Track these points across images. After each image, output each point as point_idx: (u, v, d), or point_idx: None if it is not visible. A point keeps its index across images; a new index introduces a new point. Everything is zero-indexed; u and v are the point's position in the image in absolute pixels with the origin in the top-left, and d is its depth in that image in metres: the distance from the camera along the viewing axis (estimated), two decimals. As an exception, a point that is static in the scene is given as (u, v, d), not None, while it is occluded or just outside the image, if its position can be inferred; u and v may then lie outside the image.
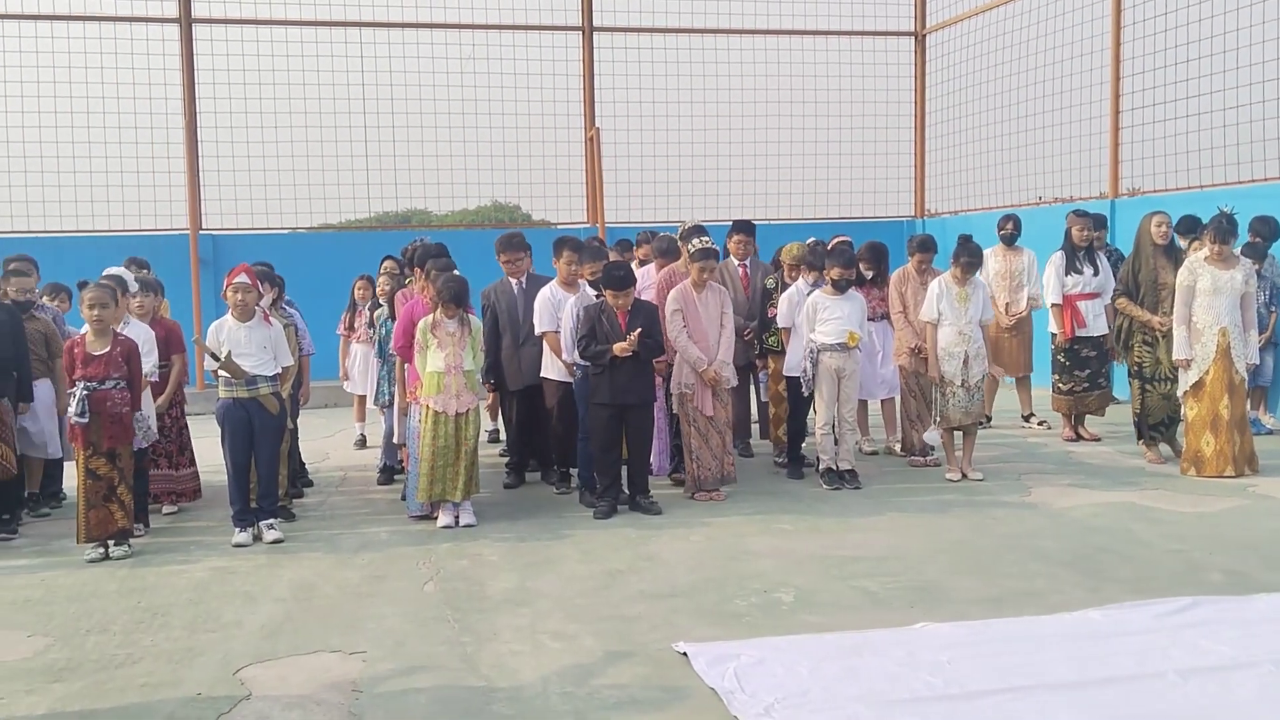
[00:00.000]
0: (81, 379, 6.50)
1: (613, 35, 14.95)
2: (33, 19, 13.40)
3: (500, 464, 8.91)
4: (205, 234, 13.75)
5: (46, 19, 13.44)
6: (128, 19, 13.62)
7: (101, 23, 13.58)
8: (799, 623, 5.12)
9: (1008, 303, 10.09)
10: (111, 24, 13.59)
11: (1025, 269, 10.14)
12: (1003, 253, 10.25)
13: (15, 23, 13.37)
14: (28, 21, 13.41)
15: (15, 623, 5.36)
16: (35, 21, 13.42)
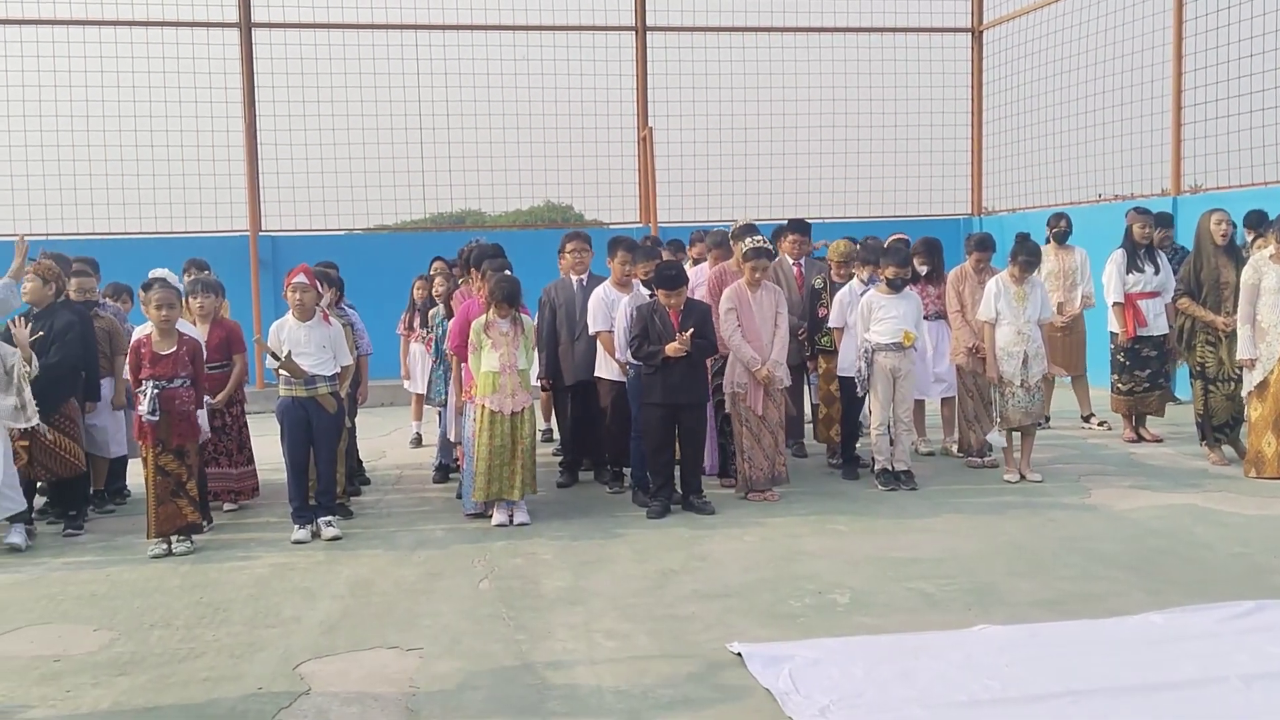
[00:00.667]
0: (150, 378, 6.63)
1: (666, 35, 14.95)
2: (97, 24, 13.68)
3: (553, 463, 8.94)
4: (265, 235, 13.97)
5: (110, 24, 13.71)
6: (189, 24, 13.87)
7: (164, 28, 13.84)
8: (854, 624, 5.10)
9: (1061, 302, 9.93)
10: (174, 29, 13.85)
11: (1078, 267, 9.99)
12: (1055, 251, 10.10)
13: (80, 28, 13.65)
14: (92, 27, 13.68)
15: (82, 617, 5.48)
16: (100, 28, 13.70)
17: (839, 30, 15.39)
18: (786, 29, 15.24)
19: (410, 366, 10.06)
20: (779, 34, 15.24)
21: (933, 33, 15.77)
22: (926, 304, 8.69)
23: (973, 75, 15.90)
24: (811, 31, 15.32)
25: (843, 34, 15.41)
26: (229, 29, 13.95)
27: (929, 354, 8.90)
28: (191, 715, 4.23)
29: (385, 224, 15.65)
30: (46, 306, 7.21)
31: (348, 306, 8.47)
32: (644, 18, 14.76)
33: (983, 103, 15.85)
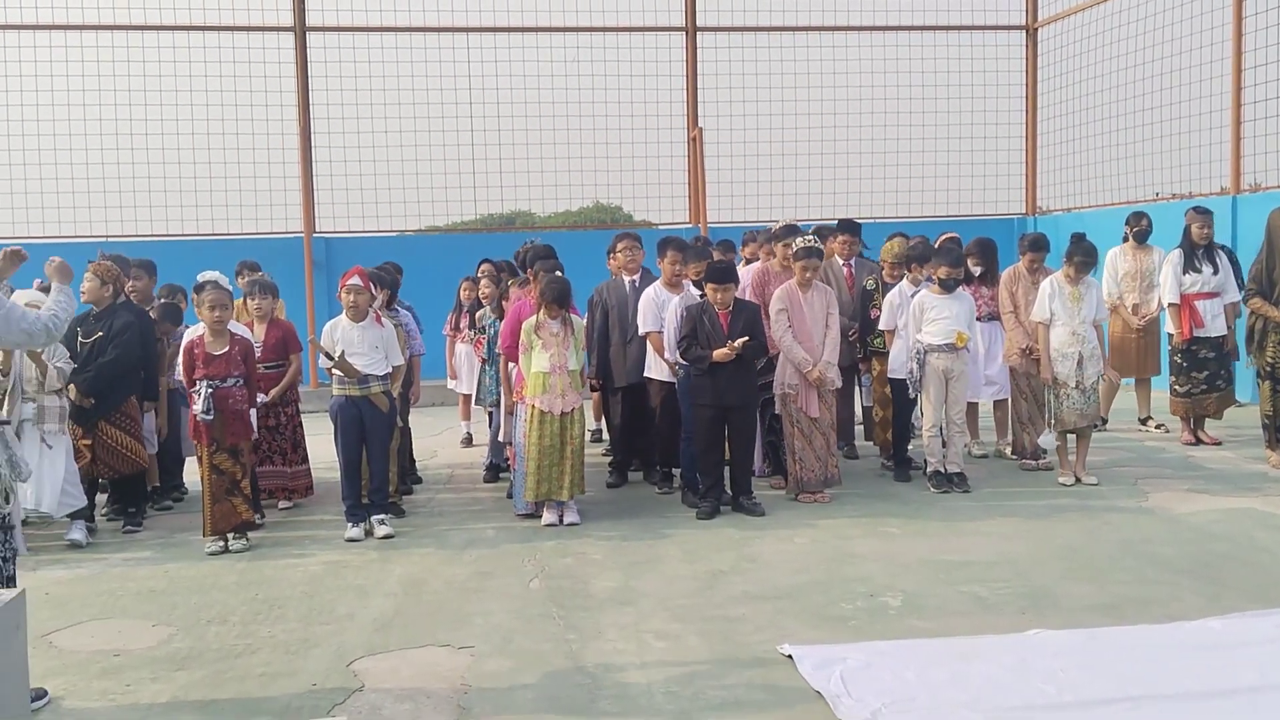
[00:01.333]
0: (204, 378, 6.73)
1: (716, 35, 14.94)
2: (155, 30, 13.92)
3: (603, 463, 8.97)
4: (319, 236, 14.14)
5: (169, 29, 13.95)
6: (245, 29, 14.07)
7: (220, 33, 14.06)
8: (906, 627, 5.06)
9: (1137, 304, 9.76)
10: (230, 34, 14.06)
11: (1156, 268, 9.77)
12: (1133, 251, 9.88)
13: (139, 34, 13.90)
14: (150, 33, 13.93)
15: (141, 613, 5.57)
16: (159, 33, 13.94)
17: (892, 29, 15.30)
18: (838, 28, 15.17)
19: (456, 367, 10.13)
20: (830, 33, 15.17)
21: (986, 30, 15.61)
22: (979, 305, 8.60)
23: (1027, 73, 15.71)
24: (864, 30, 15.23)
25: (895, 32, 15.32)
26: (284, 33, 14.14)
27: (982, 355, 8.81)
28: (247, 710, 4.29)
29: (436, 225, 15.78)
30: (106, 307, 7.33)
31: (401, 307, 8.54)
32: (694, 18, 14.75)
33: (1037, 101, 15.67)
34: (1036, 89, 15.66)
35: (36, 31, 13.72)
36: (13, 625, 3.20)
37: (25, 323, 4.26)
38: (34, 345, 4.59)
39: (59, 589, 6.01)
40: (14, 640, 3.22)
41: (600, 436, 10.06)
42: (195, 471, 7.04)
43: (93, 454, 7.16)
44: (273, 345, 7.74)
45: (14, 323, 4.21)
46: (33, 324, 4.31)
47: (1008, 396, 8.91)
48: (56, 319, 4.49)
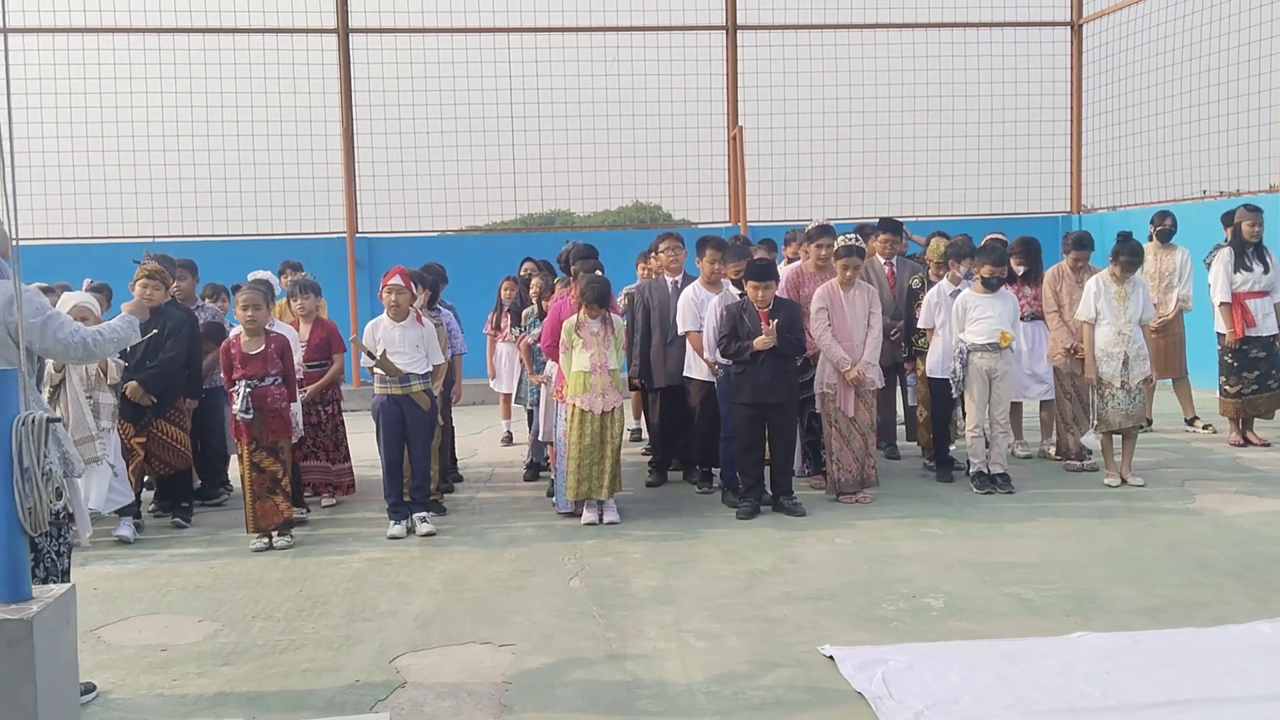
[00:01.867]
0: (242, 378, 6.80)
1: (756, 33, 14.91)
2: (201, 32, 14.10)
3: (643, 463, 8.97)
4: (361, 237, 14.25)
5: (214, 32, 14.13)
6: (289, 30, 14.22)
7: (264, 35, 14.21)
8: (949, 629, 5.02)
9: (1155, 304, 9.64)
10: (274, 36, 14.21)
11: (1178, 269, 9.66)
12: (1156, 250, 9.77)
13: (185, 36, 14.09)
14: (196, 35, 14.11)
15: (188, 608, 5.65)
16: (204, 35, 14.12)
17: (935, 26, 15.20)
18: (880, 25, 15.09)
19: (496, 366, 10.17)
20: (872, 31, 15.10)
21: (1030, 27, 15.47)
22: (1023, 304, 8.52)
23: (1072, 70, 15.54)
24: (906, 28, 15.15)
25: (938, 29, 15.21)
26: (327, 35, 14.27)
27: (1026, 355, 8.72)
28: (292, 706, 4.33)
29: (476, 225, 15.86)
30: (157, 307, 7.41)
31: (443, 307, 8.59)
32: (735, 17, 14.73)
33: (1082, 97, 15.49)
34: (1081, 85, 15.49)
35: (85, 35, 13.94)
36: (63, 620, 3.26)
37: (63, 333, 4.06)
38: (68, 359, 4.37)
39: (108, 584, 6.10)
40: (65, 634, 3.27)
41: (640, 436, 10.07)
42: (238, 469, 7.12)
43: (146, 451, 7.26)
44: (316, 345, 7.82)
45: (50, 332, 4.02)
46: (70, 335, 4.09)
47: (1052, 397, 8.81)
48: (100, 339, 4.27)
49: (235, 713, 4.26)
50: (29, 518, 3.15)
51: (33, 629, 3.03)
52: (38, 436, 3.15)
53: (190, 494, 7.74)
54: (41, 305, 4.12)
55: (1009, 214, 14.93)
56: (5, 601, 3.15)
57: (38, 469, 3.15)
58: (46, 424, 3.18)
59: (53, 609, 3.17)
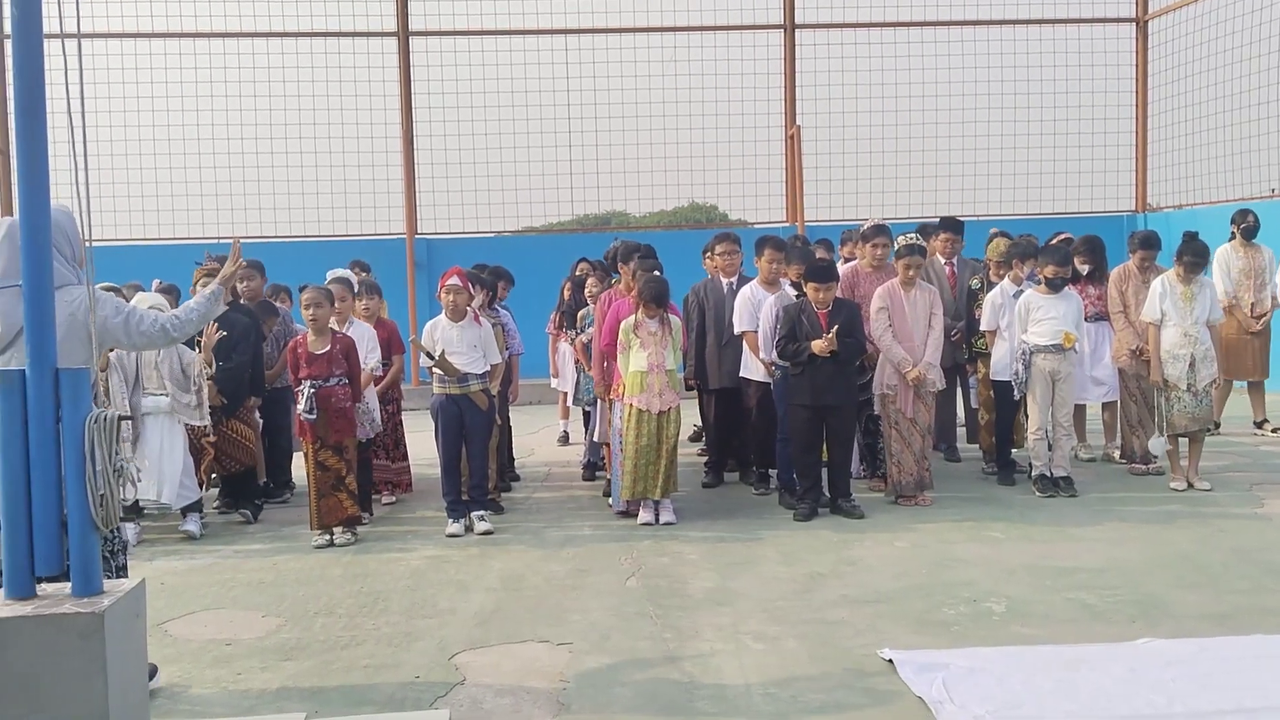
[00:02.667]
0: (307, 378, 6.90)
1: (815, 32, 14.83)
2: (265, 36, 14.32)
3: (699, 463, 8.96)
4: (420, 238, 14.39)
5: (278, 36, 14.34)
6: (350, 34, 14.40)
7: (327, 38, 14.41)
8: (1011, 634, 4.96)
9: (1253, 302, 9.42)
10: (336, 39, 14.40)
11: (1267, 265, 9.46)
12: (1243, 248, 9.56)
13: (249, 40, 14.32)
14: (260, 40, 14.34)
15: (251, 603, 5.74)
16: (268, 39, 14.34)
17: (996, 23, 15.01)
18: (940, 23, 14.95)
19: (559, 365, 10.22)
20: (932, 28, 14.96)
21: (1094, 24, 15.23)
22: (1087, 305, 8.39)
23: (1137, 67, 15.27)
24: (967, 25, 14.98)
25: (999, 27, 15.02)
26: (388, 38, 14.43)
27: (1089, 356, 8.59)
28: (353, 701, 4.38)
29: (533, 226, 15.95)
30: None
31: (500, 307, 8.64)
32: (793, 15, 14.67)
33: (1147, 95, 15.22)
34: (1146, 82, 15.22)
35: (153, 40, 14.22)
36: (133, 613, 3.33)
37: (144, 325, 4.28)
38: (151, 348, 4.62)
39: (174, 579, 6.21)
40: (135, 627, 3.34)
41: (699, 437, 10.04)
42: (303, 467, 7.22)
43: (217, 449, 7.39)
44: (381, 344, 7.91)
45: (133, 326, 4.24)
46: (151, 325, 4.31)
47: (1116, 399, 8.67)
48: (178, 322, 4.40)
49: (298, 707, 4.32)
50: (101, 514, 3.22)
51: (104, 622, 3.10)
52: (109, 434, 3.22)
53: (257, 491, 7.88)
54: (120, 304, 4.31)
55: (1072, 213, 14.71)
56: (78, 595, 3.22)
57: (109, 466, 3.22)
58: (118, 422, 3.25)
59: (123, 603, 3.24)
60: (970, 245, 9.39)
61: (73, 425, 3.22)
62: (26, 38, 3.32)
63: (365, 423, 7.38)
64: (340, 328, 7.39)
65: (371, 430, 7.51)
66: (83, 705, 3.08)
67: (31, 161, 3.33)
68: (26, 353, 3.28)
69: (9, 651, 3.06)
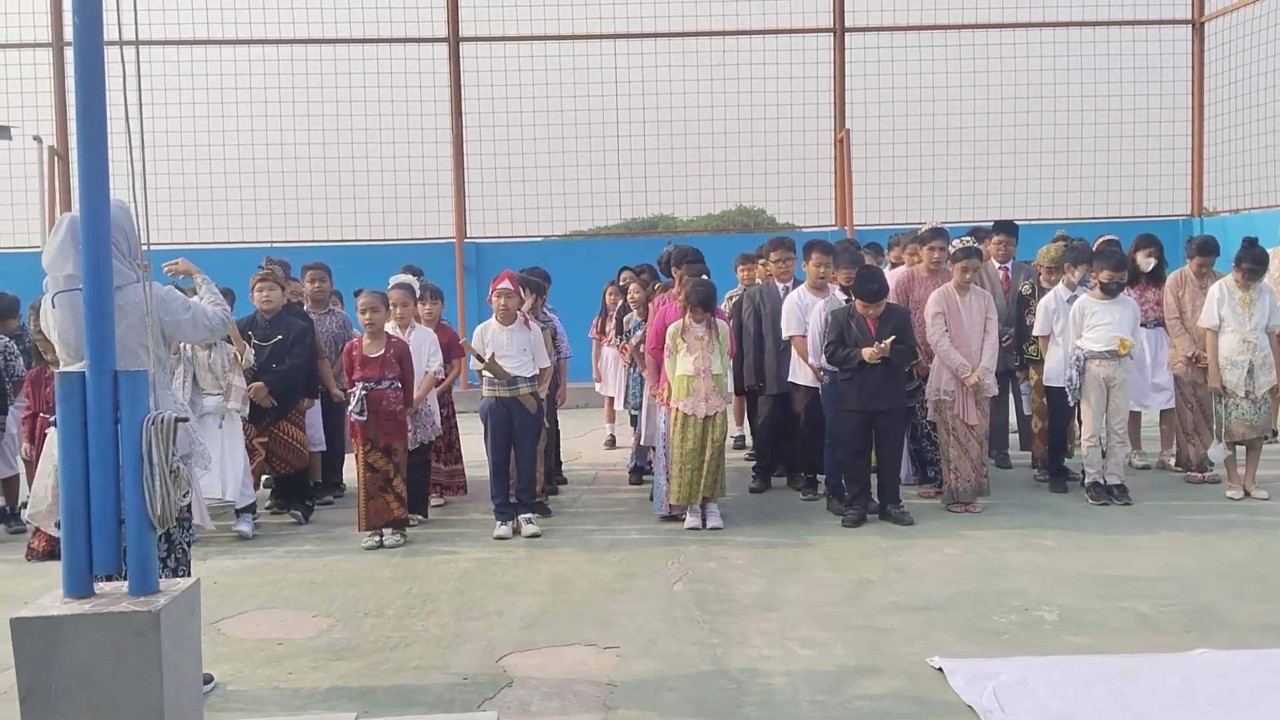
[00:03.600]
0: (360, 380, 6.97)
1: (864, 35, 14.75)
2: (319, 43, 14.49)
3: (746, 468, 8.93)
4: (469, 242, 14.49)
5: (330, 43, 14.51)
6: (402, 40, 14.53)
7: (379, 45, 14.56)
8: (1063, 643, 4.89)
9: None
10: (387, 45, 14.54)
11: None
12: None
13: (303, 46, 14.50)
14: (314, 46, 14.51)
15: (303, 603, 5.80)
16: (320, 45, 14.51)
17: (1049, 25, 14.85)
18: (992, 25, 14.80)
19: (602, 370, 10.25)
20: (983, 30, 14.81)
21: (1150, 25, 15.01)
22: (1145, 310, 8.26)
23: (1193, 69, 15.04)
24: (1019, 27, 14.82)
25: (1052, 29, 14.86)
26: (438, 44, 14.55)
27: (1146, 363, 8.46)
28: (402, 701, 4.42)
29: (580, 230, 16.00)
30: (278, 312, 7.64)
31: (549, 311, 8.68)
32: (842, 19, 14.60)
33: (1204, 98, 14.98)
34: (1203, 85, 14.98)
35: (208, 46, 14.44)
36: (188, 612, 3.37)
37: (207, 318, 4.59)
38: (214, 338, 4.90)
39: (227, 579, 6.29)
40: (190, 626, 3.39)
41: (743, 443, 10.03)
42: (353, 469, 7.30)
43: (267, 451, 7.49)
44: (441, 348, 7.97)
45: (198, 320, 4.53)
46: (212, 318, 4.62)
47: (1172, 406, 8.53)
48: (223, 308, 4.77)
49: (348, 707, 4.36)
50: (157, 514, 3.27)
51: (160, 621, 3.14)
52: (166, 436, 3.27)
53: (309, 492, 7.97)
54: (186, 300, 4.59)
55: (1127, 217, 14.50)
56: (135, 594, 3.28)
57: (166, 467, 3.27)
58: (175, 424, 3.30)
59: (179, 602, 3.29)
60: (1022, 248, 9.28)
61: (131, 426, 3.28)
62: (88, 44, 3.38)
63: (426, 425, 7.45)
64: (402, 333, 7.46)
65: (432, 433, 7.58)
66: (139, 702, 3.13)
67: (92, 165, 3.39)
68: (86, 354, 3.34)
69: (68, 649, 3.12)
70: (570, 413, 11.51)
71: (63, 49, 14.14)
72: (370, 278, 8.59)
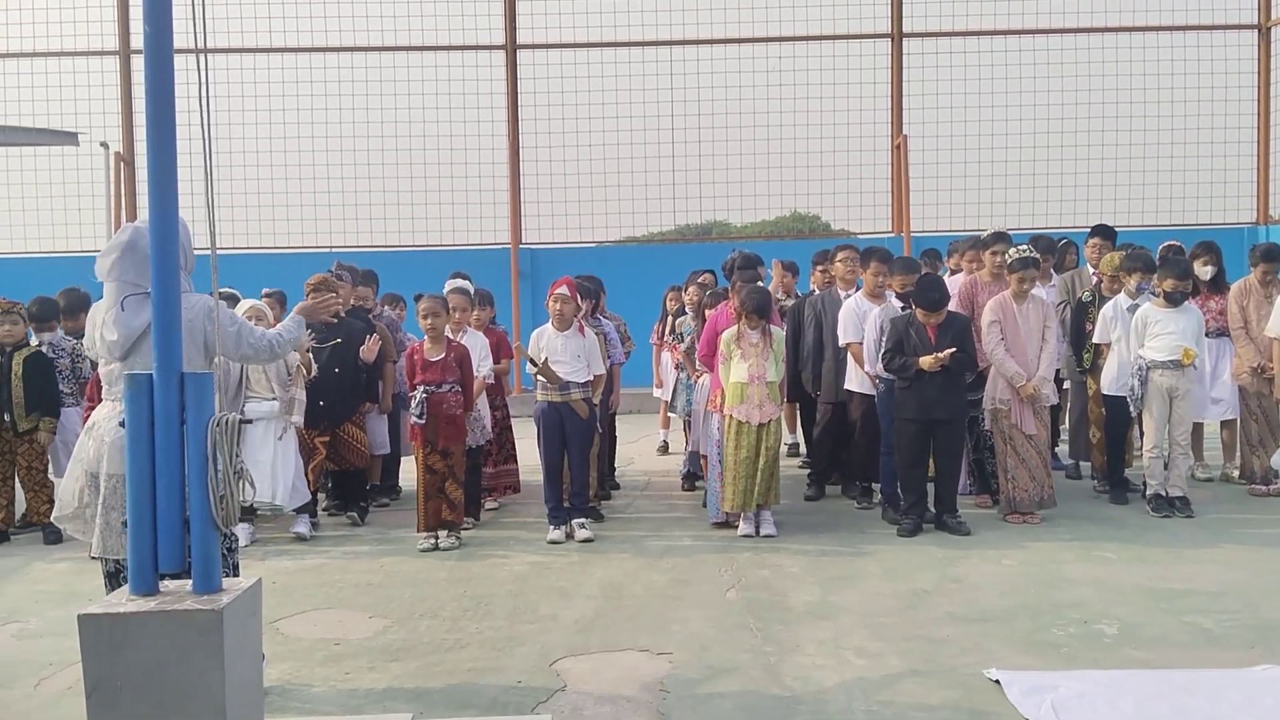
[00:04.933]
0: (421, 383, 7.04)
1: (923, 40, 14.64)
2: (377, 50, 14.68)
3: (800, 475, 8.89)
4: (524, 248, 14.58)
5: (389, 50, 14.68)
6: (460, 48, 14.67)
7: (437, 52, 14.71)
8: (1123, 657, 4.81)
9: None
10: (445, 53, 14.69)
11: None
12: None
13: (362, 55, 14.69)
14: (373, 54, 14.70)
15: (360, 604, 5.86)
16: (379, 53, 14.70)
17: (1112, 30, 14.65)
18: (1052, 30, 14.63)
19: (662, 375, 10.25)
20: (1044, 35, 14.64)
21: (1214, 30, 14.74)
22: (1208, 319, 8.12)
23: (1259, 74, 14.76)
24: (1080, 32, 14.63)
25: (1115, 34, 14.65)
26: (495, 51, 14.66)
27: (1209, 373, 8.30)
28: (457, 703, 4.45)
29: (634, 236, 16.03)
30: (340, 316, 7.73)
31: (604, 317, 8.71)
32: (900, 24, 14.51)
33: (1270, 103, 14.68)
34: (1269, 90, 14.70)
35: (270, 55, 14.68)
36: (249, 611, 3.43)
37: (253, 339, 4.55)
38: (255, 362, 4.86)
39: (285, 578, 6.38)
40: (251, 624, 3.44)
41: (797, 450, 9.98)
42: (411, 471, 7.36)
43: (329, 449, 7.58)
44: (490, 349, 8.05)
45: (244, 338, 4.51)
46: (259, 340, 4.58)
47: (1236, 417, 8.37)
48: (281, 340, 4.71)
49: (404, 707, 4.40)
50: (221, 514, 3.33)
51: (223, 619, 3.20)
52: (230, 437, 3.33)
53: (366, 493, 8.06)
54: (235, 315, 4.61)
55: (1190, 225, 14.24)
56: (198, 592, 3.34)
57: (230, 468, 3.33)
58: (239, 425, 3.36)
59: (241, 601, 3.34)
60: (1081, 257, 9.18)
61: (196, 427, 3.34)
62: (158, 54, 3.45)
63: (477, 430, 7.51)
64: (455, 336, 7.53)
65: (482, 437, 7.65)
66: (202, 699, 3.18)
67: (161, 173, 3.46)
68: (154, 357, 3.41)
69: (133, 646, 3.18)
70: (624, 418, 11.51)
71: (129, 56, 14.46)
72: (426, 283, 8.68)
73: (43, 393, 7.56)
